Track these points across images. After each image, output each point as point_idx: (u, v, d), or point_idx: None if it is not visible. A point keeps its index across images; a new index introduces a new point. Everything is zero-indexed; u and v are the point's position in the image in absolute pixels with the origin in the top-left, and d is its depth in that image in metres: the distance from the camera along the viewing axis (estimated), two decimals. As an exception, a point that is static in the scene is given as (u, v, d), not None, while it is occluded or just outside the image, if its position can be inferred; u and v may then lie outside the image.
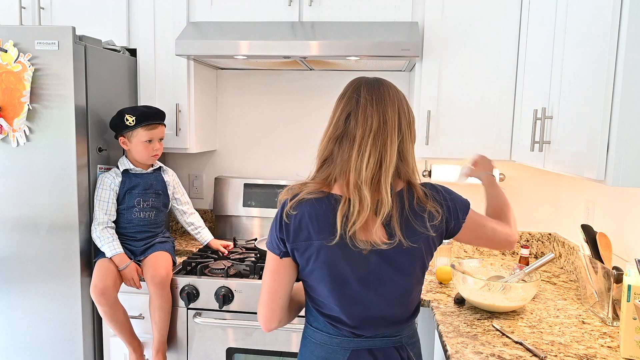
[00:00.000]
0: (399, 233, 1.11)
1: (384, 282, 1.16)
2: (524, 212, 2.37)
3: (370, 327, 1.19)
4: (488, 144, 2.01)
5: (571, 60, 1.44)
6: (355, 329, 1.19)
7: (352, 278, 1.15)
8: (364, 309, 1.17)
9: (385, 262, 1.14)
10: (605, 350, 1.35)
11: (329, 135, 1.17)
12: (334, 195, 1.14)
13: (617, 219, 1.74)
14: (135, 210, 1.93)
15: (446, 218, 1.18)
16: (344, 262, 1.14)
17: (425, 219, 1.14)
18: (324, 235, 1.12)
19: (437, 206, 1.16)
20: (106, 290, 1.78)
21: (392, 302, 1.18)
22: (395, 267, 1.15)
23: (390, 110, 1.13)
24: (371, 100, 1.13)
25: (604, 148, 1.21)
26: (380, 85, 1.17)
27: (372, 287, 1.16)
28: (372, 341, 1.20)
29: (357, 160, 1.10)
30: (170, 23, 2.16)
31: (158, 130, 1.94)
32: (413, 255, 1.15)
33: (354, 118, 1.13)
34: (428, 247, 1.17)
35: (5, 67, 1.78)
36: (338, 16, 2.06)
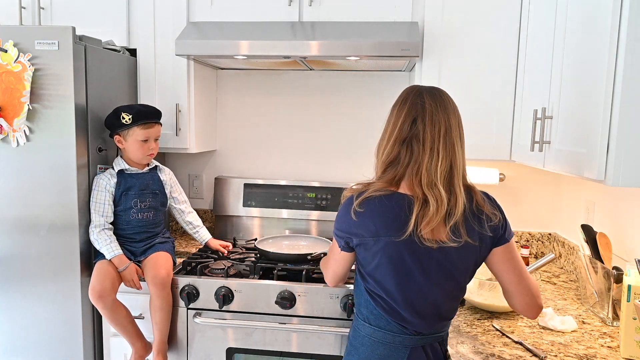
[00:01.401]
0: (463, 231, 1.18)
1: (446, 278, 1.23)
2: (524, 212, 2.37)
3: (429, 324, 1.26)
4: (488, 144, 2.01)
5: (571, 60, 1.44)
6: (415, 326, 1.25)
7: (417, 273, 1.21)
8: (424, 303, 1.23)
9: (447, 258, 1.21)
10: (605, 350, 1.35)
11: (394, 139, 1.21)
12: (401, 194, 1.21)
13: (617, 219, 1.74)
14: (133, 211, 1.92)
15: (501, 225, 1.24)
16: (410, 258, 1.20)
17: (483, 220, 1.21)
18: (391, 231, 1.18)
19: (495, 210, 1.23)
20: (103, 293, 1.77)
21: (450, 298, 1.26)
22: (455, 264, 1.22)
23: (452, 117, 1.21)
24: (436, 107, 1.20)
25: (604, 148, 1.21)
26: (442, 93, 1.24)
27: (436, 283, 1.22)
28: (427, 338, 1.27)
29: (429, 161, 1.17)
30: (170, 23, 2.16)
31: (154, 130, 1.93)
32: (471, 254, 1.22)
33: (422, 122, 1.19)
34: (484, 247, 1.23)
35: (5, 67, 1.78)
36: (338, 16, 2.06)
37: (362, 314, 1.30)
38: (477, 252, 1.23)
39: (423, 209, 1.16)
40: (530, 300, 1.26)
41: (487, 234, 1.21)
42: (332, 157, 2.47)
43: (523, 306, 1.27)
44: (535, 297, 1.27)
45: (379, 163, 1.25)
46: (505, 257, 1.25)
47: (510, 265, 1.25)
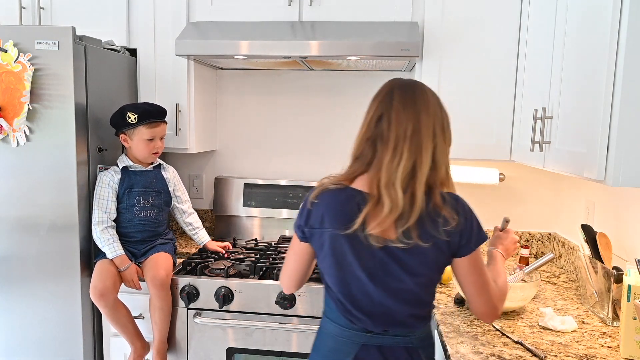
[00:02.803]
0: (414, 234, 1.12)
1: (391, 278, 1.17)
2: (524, 212, 2.37)
3: (378, 323, 1.20)
4: (488, 144, 2.01)
5: (571, 60, 1.44)
6: (363, 323, 1.20)
7: (358, 270, 1.17)
8: (370, 302, 1.19)
9: (393, 259, 1.15)
10: (605, 350, 1.35)
11: (361, 136, 1.18)
12: (354, 189, 1.17)
13: (617, 219, 1.74)
14: (136, 209, 1.92)
15: (460, 231, 1.14)
16: (351, 253, 1.17)
17: (439, 223, 1.13)
18: (336, 224, 1.16)
19: (454, 214, 1.13)
20: (105, 292, 1.77)
21: (400, 300, 1.18)
22: (403, 266, 1.16)
23: (424, 115, 1.14)
24: (405, 105, 1.14)
25: (604, 148, 1.21)
26: (415, 89, 1.17)
27: (379, 282, 1.17)
28: (381, 338, 1.21)
29: (390, 161, 1.12)
30: (170, 23, 2.16)
31: (160, 128, 1.94)
32: (422, 258, 1.15)
33: (387, 121, 1.14)
34: (440, 252, 1.15)
35: (5, 67, 1.78)
36: (338, 16, 2.06)
37: (324, 306, 1.31)
38: (431, 256, 1.15)
39: (375, 208, 1.13)
40: (486, 310, 1.20)
41: (441, 238, 1.13)
42: (332, 157, 2.47)
43: (479, 314, 1.21)
44: (493, 307, 1.19)
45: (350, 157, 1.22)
46: (467, 271, 1.18)
47: (472, 279, 1.18)
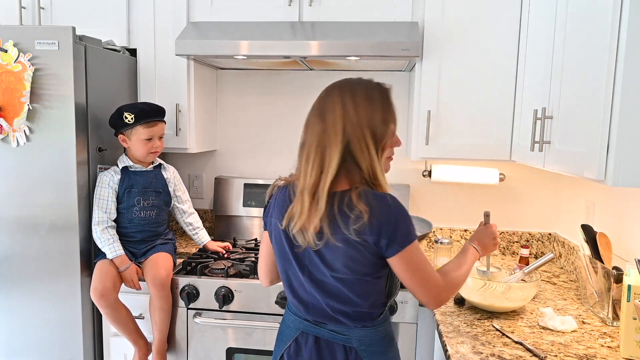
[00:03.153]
0: (327, 231, 1.15)
1: (316, 271, 1.21)
2: (524, 212, 2.37)
3: (311, 313, 1.25)
4: (488, 144, 2.01)
5: (571, 60, 1.44)
6: (300, 311, 1.28)
7: (292, 259, 1.24)
8: (305, 292, 1.25)
9: (315, 252, 1.20)
10: (605, 350, 1.35)
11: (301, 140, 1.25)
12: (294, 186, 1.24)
13: (617, 219, 1.74)
14: (136, 209, 1.92)
15: (379, 232, 1.13)
16: (287, 244, 1.24)
17: (350, 221, 1.13)
18: (277, 215, 1.26)
19: (366, 213, 1.12)
20: (105, 292, 1.77)
21: (326, 294, 1.21)
22: (323, 260, 1.19)
23: (330, 116, 1.16)
24: (318, 107, 1.21)
25: (604, 148, 1.21)
26: (331, 90, 1.22)
27: (307, 273, 1.23)
28: (318, 330, 1.25)
29: (305, 167, 1.18)
30: (170, 23, 2.16)
31: (158, 128, 1.93)
32: (337, 254, 1.17)
33: (306, 127, 1.22)
34: (356, 251, 1.15)
35: (5, 67, 1.78)
36: (338, 16, 2.06)
37: None
38: (346, 253, 1.15)
39: (297, 208, 1.18)
40: (427, 300, 1.20)
41: (352, 237, 1.13)
42: (332, 157, 2.47)
43: (421, 302, 1.22)
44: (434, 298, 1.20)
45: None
46: (400, 269, 1.17)
47: (406, 275, 1.17)
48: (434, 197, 2.42)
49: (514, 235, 2.36)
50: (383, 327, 1.26)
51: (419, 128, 2.02)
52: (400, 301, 1.76)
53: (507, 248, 2.37)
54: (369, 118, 1.16)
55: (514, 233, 2.36)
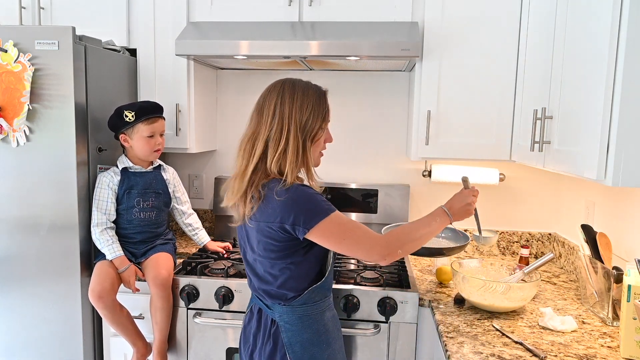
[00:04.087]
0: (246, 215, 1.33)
1: (246, 249, 1.42)
2: (524, 212, 2.37)
3: (252, 288, 1.47)
4: (488, 144, 2.01)
5: (571, 60, 1.44)
6: (250, 284, 1.48)
7: (240, 241, 1.47)
8: (246, 265, 1.46)
9: (246, 236, 1.41)
10: (605, 350, 1.35)
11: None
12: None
13: (617, 219, 1.74)
14: (135, 210, 1.92)
15: (280, 219, 1.28)
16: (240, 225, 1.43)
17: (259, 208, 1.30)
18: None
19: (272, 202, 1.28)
20: (103, 294, 1.77)
21: (253, 274, 1.42)
22: (249, 243, 1.40)
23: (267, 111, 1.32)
24: (258, 103, 1.36)
25: (604, 148, 1.21)
26: (270, 89, 1.37)
27: (243, 254, 1.46)
28: (259, 301, 1.45)
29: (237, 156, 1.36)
30: (170, 23, 2.16)
31: (158, 124, 1.93)
32: (255, 237, 1.36)
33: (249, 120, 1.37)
34: (265, 235, 1.32)
35: (5, 67, 1.78)
36: (338, 16, 2.06)
37: None
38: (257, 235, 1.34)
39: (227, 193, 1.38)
40: (369, 257, 1.32)
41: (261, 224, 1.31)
42: (331, 156, 2.47)
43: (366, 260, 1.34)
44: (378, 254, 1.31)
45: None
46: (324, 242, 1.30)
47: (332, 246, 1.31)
48: (434, 197, 2.41)
49: (514, 235, 2.36)
50: (302, 308, 1.38)
51: (419, 128, 2.02)
52: (400, 301, 1.76)
53: (507, 248, 2.37)
54: (301, 113, 1.31)
55: (514, 233, 2.36)
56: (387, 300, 1.76)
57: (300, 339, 1.38)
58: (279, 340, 1.38)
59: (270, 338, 1.39)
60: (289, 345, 1.37)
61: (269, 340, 1.39)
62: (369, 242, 1.31)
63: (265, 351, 1.39)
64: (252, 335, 1.46)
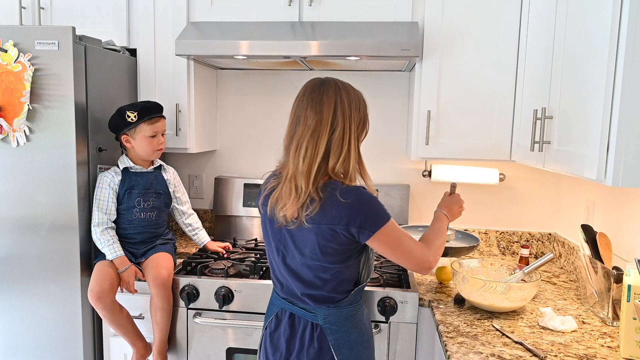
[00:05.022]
0: (302, 217, 1.27)
1: (288, 254, 1.36)
2: (524, 212, 2.37)
3: (284, 292, 1.41)
4: (488, 144, 2.01)
5: (571, 60, 1.44)
6: (277, 289, 1.44)
7: (272, 244, 1.40)
8: (279, 272, 1.40)
9: (290, 237, 1.34)
10: (605, 350, 1.35)
11: (287, 134, 1.36)
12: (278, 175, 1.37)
13: (617, 219, 1.74)
14: (136, 210, 1.92)
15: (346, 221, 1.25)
16: (269, 227, 1.39)
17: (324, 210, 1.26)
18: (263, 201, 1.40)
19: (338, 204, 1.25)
20: (102, 295, 1.77)
21: (294, 276, 1.36)
22: (297, 247, 1.33)
23: (325, 110, 1.28)
24: (312, 104, 1.30)
25: (604, 148, 1.21)
26: (322, 86, 1.33)
27: (281, 256, 1.38)
28: (291, 307, 1.40)
29: (295, 154, 1.28)
30: (170, 23, 2.16)
31: (160, 124, 1.93)
32: (309, 241, 1.30)
33: (298, 122, 1.31)
34: (325, 238, 1.28)
35: (5, 67, 1.78)
36: (338, 16, 2.06)
37: None
38: (314, 239, 1.28)
39: (280, 194, 1.31)
40: (413, 267, 1.35)
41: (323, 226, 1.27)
42: (332, 157, 2.47)
43: (411, 270, 1.36)
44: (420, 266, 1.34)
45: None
46: (381, 249, 1.31)
47: (389, 253, 1.31)
48: (434, 197, 2.41)
49: (514, 235, 2.36)
50: (348, 308, 1.38)
51: (419, 128, 2.02)
52: (400, 301, 1.76)
53: (507, 248, 2.37)
54: (358, 113, 1.32)
55: (514, 233, 2.36)
56: (387, 300, 1.76)
57: (348, 339, 1.36)
58: (325, 343, 1.34)
59: (313, 342, 1.35)
60: (337, 347, 1.34)
61: (312, 345, 1.35)
62: (419, 252, 1.34)
63: (309, 355, 1.35)
64: (283, 341, 1.40)
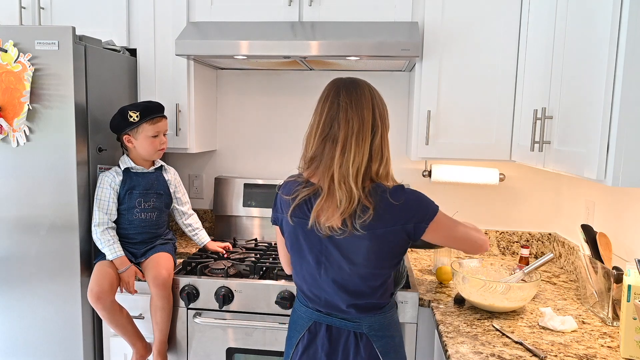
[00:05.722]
0: (357, 222, 1.22)
1: (332, 266, 1.28)
2: (524, 212, 2.37)
3: (323, 305, 1.33)
4: (488, 144, 2.01)
5: (571, 60, 1.44)
6: (313, 303, 1.35)
7: (308, 254, 1.31)
8: (317, 285, 1.32)
9: (335, 247, 1.27)
10: (605, 350, 1.35)
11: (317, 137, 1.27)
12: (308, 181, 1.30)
13: (617, 219, 1.74)
14: (136, 211, 1.92)
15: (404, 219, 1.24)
16: (303, 238, 1.31)
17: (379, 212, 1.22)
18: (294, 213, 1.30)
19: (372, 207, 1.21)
20: (102, 295, 1.77)
21: (339, 288, 1.29)
22: (343, 254, 1.26)
23: (366, 111, 1.25)
24: (351, 104, 1.25)
25: (604, 148, 1.21)
26: (357, 87, 1.29)
27: (323, 267, 1.30)
28: (330, 319, 1.33)
29: (341, 158, 1.22)
30: (170, 23, 2.16)
31: (162, 124, 1.93)
32: (362, 247, 1.24)
33: (337, 123, 1.24)
34: (380, 241, 1.24)
35: (5, 67, 1.78)
36: (338, 16, 2.06)
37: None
38: (368, 246, 1.24)
39: (326, 201, 1.23)
40: (473, 248, 1.36)
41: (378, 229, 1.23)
42: (332, 157, 2.47)
43: (473, 253, 1.39)
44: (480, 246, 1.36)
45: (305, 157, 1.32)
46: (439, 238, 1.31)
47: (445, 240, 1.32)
48: (434, 197, 2.41)
49: (514, 235, 2.36)
50: (390, 313, 1.36)
51: (419, 128, 2.02)
52: (400, 301, 1.76)
53: (507, 248, 2.37)
54: (386, 114, 1.30)
55: (514, 233, 2.36)
56: (387, 300, 1.76)
57: (393, 344, 1.34)
58: (373, 351, 1.31)
59: (359, 352, 1.31)
60: (384, 354, 1.32)
61: (358, 354, 1.31)
62: (474, 234, 1.36)
63: None
64: (323, 355, 1.33)
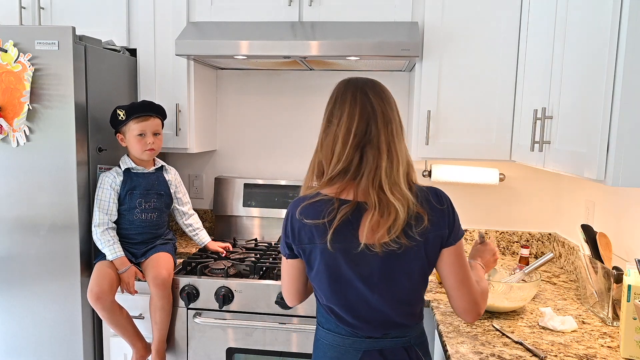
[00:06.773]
0: (401, 235, 1.11)
1: (387, 282, 1.16)
2: (524, 212, 2.37)
3: (378, 328, 1.20)
4: (488, 144, 2.01)
5: (571, 60, 1.44)
6: (363, 330, 1.20)
7: (355, 280, 1.16)
8: (369, 309, 1.18)
9: (389, 262, 1.14)
10: (605, 350, 1.35)
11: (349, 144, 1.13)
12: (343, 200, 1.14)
13: (617, 219, 1.74)
14: (137, 211, 1.92)
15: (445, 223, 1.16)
16: (346, 265, 1.15)
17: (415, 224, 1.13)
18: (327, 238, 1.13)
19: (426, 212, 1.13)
20: (102, 295, 1.77)
21: (397, 302, 1.18)
22: (399, 267, 1.15)
23: (395, 112, 1.19)
24: (383, 104, 1.17)
25: (604, 148, 1.21)
26: (379, 86, 1.22)
27: (375, 288, 1.16)
28: (382, 342, 1.21)
29: (389, 165, 1.11)
30: (170, 23, 2.16)
31: (150, 123, 1.91)
32: (413, 257, 1.15)
33: (375, 126, 1.14)
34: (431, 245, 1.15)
35: (5, 67, 1.78)
36: (338, 16, 2.06)
37: (317, 318, 1.29)
38: (421, 251, 1.15)
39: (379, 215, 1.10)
40: (467, 305, 1.20)
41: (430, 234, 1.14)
42: (332, 157, 2.47)
43: (459, 309, 1.21)
44: (474, 303, 1.20)
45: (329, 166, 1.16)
46: (451, 260, 1.18)
47: (454, 269, 1.18)
48: (434, 197, 2.41)
49: (514, 235, 2.36)
50: (421, 320, 1.29)
51: (419, 128, 2.02)
52: (400, 301, 1.76)
53: (507, 248, 2.37)
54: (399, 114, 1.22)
55: (514, 233, 2.36)
56: (387, 300, 1.76)
57: (429, 349, 1.31)
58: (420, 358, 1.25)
59: None
60: (425, 354, 1.27)
61: None
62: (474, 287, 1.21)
63: None
64: None
